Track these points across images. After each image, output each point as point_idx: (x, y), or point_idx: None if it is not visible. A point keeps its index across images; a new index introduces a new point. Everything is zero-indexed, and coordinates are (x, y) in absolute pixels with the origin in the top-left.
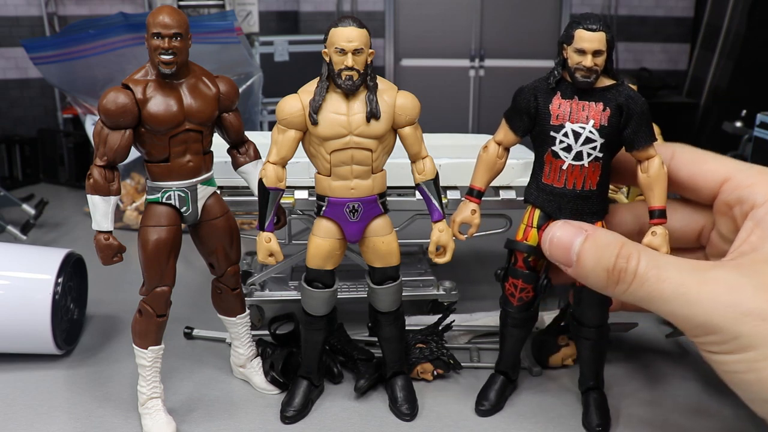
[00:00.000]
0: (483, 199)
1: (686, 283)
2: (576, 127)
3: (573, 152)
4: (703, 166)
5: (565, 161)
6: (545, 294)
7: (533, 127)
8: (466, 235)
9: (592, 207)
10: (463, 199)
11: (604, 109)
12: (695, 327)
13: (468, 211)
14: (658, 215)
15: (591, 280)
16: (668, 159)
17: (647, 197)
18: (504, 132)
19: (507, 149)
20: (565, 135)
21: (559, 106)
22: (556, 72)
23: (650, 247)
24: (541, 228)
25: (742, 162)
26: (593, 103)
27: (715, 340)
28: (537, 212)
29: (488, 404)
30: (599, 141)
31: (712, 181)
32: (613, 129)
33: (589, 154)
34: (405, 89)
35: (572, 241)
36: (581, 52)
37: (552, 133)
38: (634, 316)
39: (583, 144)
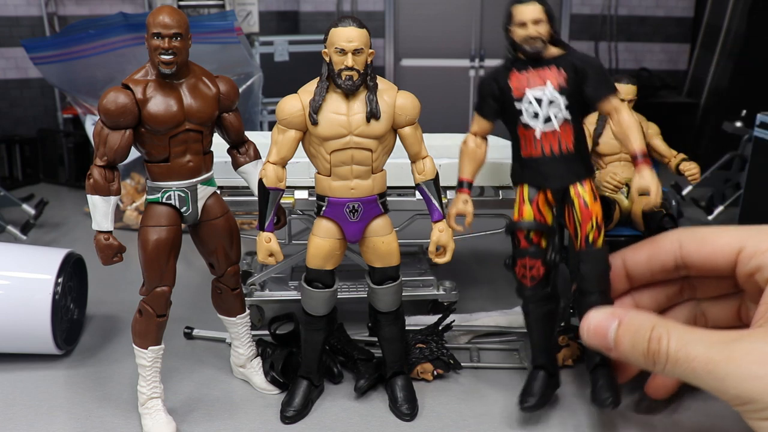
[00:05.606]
0: (483, 199)
1: (714, 359)
2: (536, 92)
3: (541, 118)
4: (713, 245)
5: (536, 129)
6: (557, 266)
7: (502, 110)
8: (463, 226)
9: (576, 169)
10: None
11: (559, 71)
12: (731, 398)
13: (460, 202)
14: (641, 157)
15: (632, 363)
16: (676, 250)
17: (625, 145)
18: (477, 122)
19: (484, 138)
20: (529, 103)
21: (517, 79)
22: (509, 54)
23: (640, 191)
24: (533, 201)
25: (749, 228)
26: (547, 68)
27: (752, 408)
28: (526, 187)
29: (533, 399)
30: (562, 101)
31: (728, 254)
32: (574, 88)
33: (556, 116)
34: (405, 89)
35: (607, 329)
36: (523, 24)
37: (516, 105)
38: None
39: (548, 107)
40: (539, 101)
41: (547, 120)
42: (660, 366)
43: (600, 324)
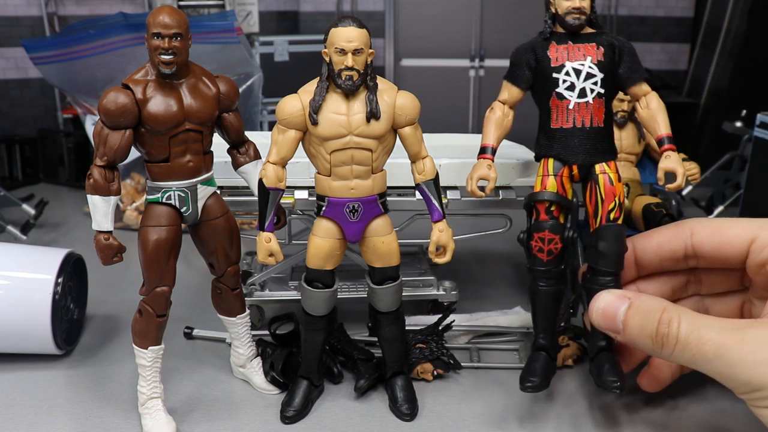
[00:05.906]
0: (483, 199)
1: (726, 343)
2: (576, 64)
3: (577, 90)
4: (725, 234)
5: (570, 100)
6: (573, 243)
7: (534, 82)
8: (484, 193)
9: (603, 145)
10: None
11: (597, 48)
12: (739, 385)
13: (484, 166)
14: (668, 141)
15: (638, 346)
16: (687, 238)
17: (652, 128)
18: (507, 90)
19: (512, 107)
20: (567, 74)
21: (556, 50)
22: (547, 27)
23: (667, 170)
24: (557, 175)
25: (762, 220)
26: (586, 44)
27: (760, 396)
28: (551, 161)
29: (537, 380)
30: (599, 75)
31: (739, 246)
32: (609, 64)
33: (592, 90)
34: (405, 89)
35: (617, 310)
36: None
37: (554, 75)
38: None
39: (585, 80)
40: (578, 73)
41: (582, 93)
42: (668, 349)
43: (609, 305)
